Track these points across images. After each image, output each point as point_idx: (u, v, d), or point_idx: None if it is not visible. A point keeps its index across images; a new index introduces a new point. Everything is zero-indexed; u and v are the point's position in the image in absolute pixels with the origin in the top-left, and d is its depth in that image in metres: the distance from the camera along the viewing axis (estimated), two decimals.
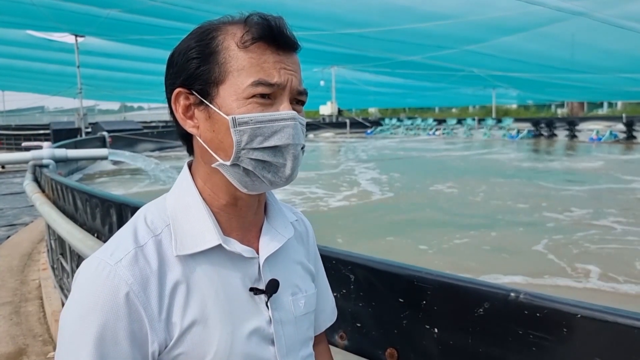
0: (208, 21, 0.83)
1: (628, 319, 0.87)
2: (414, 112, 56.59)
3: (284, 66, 0.79)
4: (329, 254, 1.33)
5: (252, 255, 0.84)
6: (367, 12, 18.31)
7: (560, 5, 15.21)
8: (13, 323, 4.10)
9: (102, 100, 54.24)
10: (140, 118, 41.86)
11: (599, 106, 57.73)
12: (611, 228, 7.35)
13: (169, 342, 0.75)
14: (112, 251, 0.76)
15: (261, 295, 0.83)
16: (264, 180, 0.79)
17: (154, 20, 19.33)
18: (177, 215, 0.82)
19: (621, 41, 18.97)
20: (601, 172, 13.37)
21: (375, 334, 1.28)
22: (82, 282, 0.75)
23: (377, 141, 27.60)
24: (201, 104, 0.79)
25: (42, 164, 5.29)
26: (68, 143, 11.44)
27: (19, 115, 55.64)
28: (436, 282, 1.15)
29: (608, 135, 23.75)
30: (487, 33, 19.79)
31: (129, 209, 2.44)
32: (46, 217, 3.79)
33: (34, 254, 6.10)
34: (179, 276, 0.77)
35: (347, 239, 6.86)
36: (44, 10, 17.59)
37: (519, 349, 1.00)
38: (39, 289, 4.83)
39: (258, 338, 0.82)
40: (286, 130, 0.78)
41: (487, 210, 8.78)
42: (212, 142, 0.79)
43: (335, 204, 9.55)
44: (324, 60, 30.53)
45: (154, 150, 19.94)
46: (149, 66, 28.61)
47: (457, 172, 13.78)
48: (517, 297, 1.01)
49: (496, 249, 6.40)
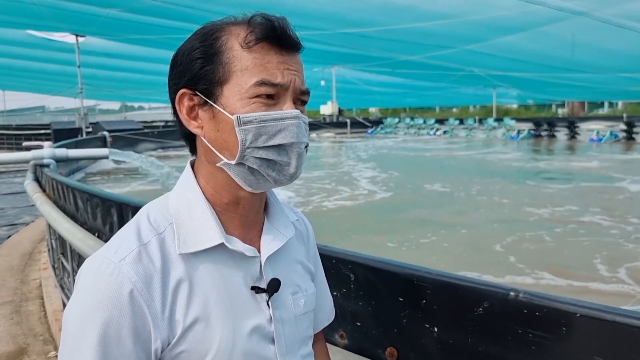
0: (211, 22, 0.83)
1: (627, 317, 0.88)
2: (415, 111, 56.51)
3: (288, 66, 0.80)
4: (329, 253, 1.33)
5: (254, 254, 0.84)
6: (368, 11, 18.29)
7: (560, 5, 15.19)
8: (14, 322, 4.10)
9: (103, 100, 54.26)
10: (140, 118, 41.85)
11: (600, 106, 57.65)
12: (582, 224, 7.55)
13: (171, 340, 0.76)
14: (116, 249, 0.76)
15: (262, 294, 0.84)
16: (269, 178, 0.80)
17: (155, 19, 19.30)
18: (179, 214, 0.82)
19: (622, 41, 18.93)
20: (594, 171, 13.47)
21: (375, 333, 1.28)
22: (86, 279, 0.75)
23: (378, 141, 27.61)
24: (205, 104, 0.80)
25: (42, 164, 5.29)
26: (69, 143, 11.45)
27: (19, 115, 55.67)
28: (436, 282, 1.15)
29: (608, 136, 23.70)
30: (488, 32, 19.76)
31: (130, 208, 2.44)
32: (47, 216, 3.79)
33: (34, 253, 6.11)
34: (181, 274, 0.78)
35: (326, 237, 6.99)
36: (45, 10, 17.59)
37: (518, 347, 1.00)
38: (40, 289, 4.83)
39: (259, 336, 0.83)
40: (290, 129, 0.79)
41: (471, 209, 8.90)
42: (217, 141, 0.80)
43: (324, 203, 9.56)
44: (324, 60, 30.51)
45: (155, 149, 19.96)
46: (150, 66, 28.60)
47: (451, 171, 13.87)
48: (516, 296, 1.01)
49: (467, 245, 6.57)
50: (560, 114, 50.90)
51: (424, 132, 32.59)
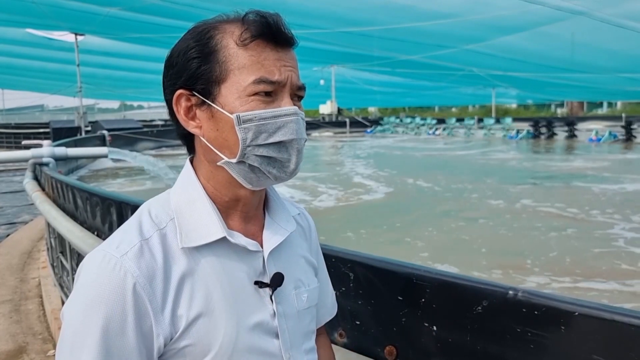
0: (203, 20, 0.83)
1: (625, 316, 0.88)
2: (414, 111, 56.44)
3: (284, 63, 0.80)
4: (329, 252, 1.33)
5: (257, 249, 0.84)
6: (367, 10, 18.28)
7: (560, 5, 15.20)
8: (13, 321, 4.10)
9: (102, 99, 54.12)
10: (140, 117, 41.78)
11: (599, 106, 57.70)
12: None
13: (174, 335, 0.76)
14: (118, 244, 0.76)
15: (265, 288, 0.84)
16: (269, 175, 0.80)
17: (155, 18, 19.29)
18: (181, 209, 0.82)
19: (621, 41, 18.95)
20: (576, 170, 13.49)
21: (375, 331, 1.28)
22: (87, 274, 0.75)
23: (376, 140, 27.59)
24: (203, 104, 0.80)
25: (42, 163, 5.29)
26: (68, 141, 11.45)
27: (18, 114, 55.52)
28: (435, 280, 1.15)
29: (607, 136, 23.71)
30: (487, 32, 19.77)
31: (129, 207, 2.45)
32: (46, 215, 3.79)
33: (33, 252, 6.11)
34: (184, 269, 0.78)
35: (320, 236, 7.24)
36: (44, 8, 17.57)
37: (517, 346, 1.01)
38: (39, 287, 4.83)
39: (262, 331, 0.83)
40: (290, 126, 0.79)
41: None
42: (217, 140, 0.80)
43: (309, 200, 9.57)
44: (323, 59, 30.48)
45: (154, 148, 19.95)
46: (149, 65, 28.52)
47: (446, 170, 13.95)
48: (515, 295, 1.01)
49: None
50: (559, 114, 50.96)
51: (423, 132, 32.60)
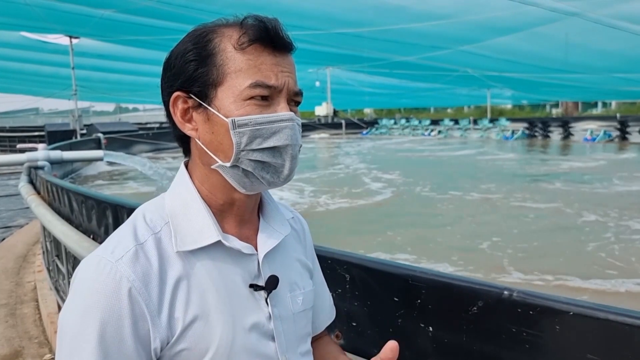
0: (202, 24, 0.83)
1: (619, 315, 0.89)
2: (409, 112, 56.49)
3: (281, 68, 0.80)
4: (325, 254, 1.34)
5: (251, 252, 0.85)
6: (362, 11, 18.28)
7: (554, 6, 15.26)
8: (8, 325, 4.08)
9: (97, 102, 54.01)
10: (135, 119, 41.75)
11: (594, 106, 57.87)
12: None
13: (170, 339, 0.76)
14: (113, 249, 0.76)
15: (261, 291, 0.84)
16: (263, 181, 0.80)
17: (149, 20, 19.23)
18: (176, 213, 0.82)
19: (615, 41, 19.02)
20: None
21: (371, 332, 1.28)
22: (83, 280, 0.75)
23: (372, 142, 27.62)
24: (200, 106, 0.80)
25: (37, 166, 5.28)
26: (63, 145, 11.40)
27: (13, 117, 55.24)
28: (430, 281, 1.15)
29: (602, 135, 23.83)
30: (482, 33, 19.81)
31: (125, 210, 2.44)
32: (41, 218, 3.78)
33: (29, 256, 6.08)
34: (179, 272, 0.78)
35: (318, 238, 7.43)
36: (38, 11, 17.49)
37: (512, 346, 1.01)
38: (35, 291, 4.81)
39: (258, 334, 0.83)
40: (285, 131, 0.79)
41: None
42: (212, 144, 0.80)
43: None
44: (319, 61, 30.46)
45: (150, 151, 19.90)
46: (144, 67, 28.48)
47: (443, 169, 13.96)
48: (510, 295, 1.02)
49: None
50: (554, 114, 51.05)
51: (418, 133, 32.63)
